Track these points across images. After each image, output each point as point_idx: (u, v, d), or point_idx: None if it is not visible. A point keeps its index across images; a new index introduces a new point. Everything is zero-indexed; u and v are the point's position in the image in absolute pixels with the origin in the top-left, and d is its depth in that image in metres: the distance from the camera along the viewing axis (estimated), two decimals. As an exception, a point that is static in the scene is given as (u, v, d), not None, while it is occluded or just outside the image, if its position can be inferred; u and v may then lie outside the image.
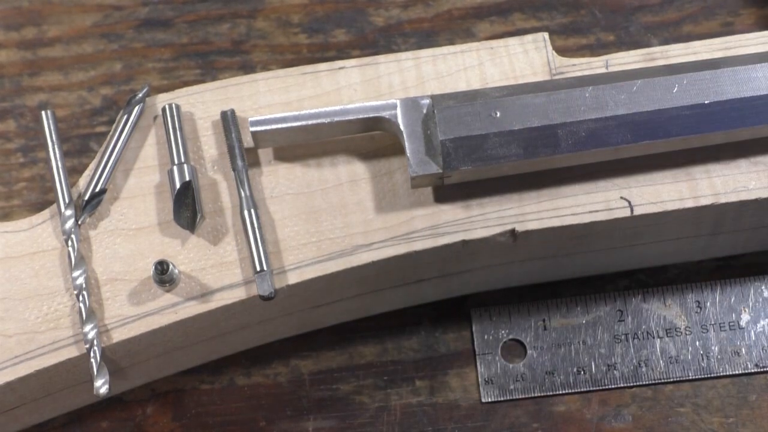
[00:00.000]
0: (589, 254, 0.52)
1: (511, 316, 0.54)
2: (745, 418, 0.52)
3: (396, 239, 0.48)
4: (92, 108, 0.59)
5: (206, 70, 0.60)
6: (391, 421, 0.53)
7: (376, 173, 0.50)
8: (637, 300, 0.54)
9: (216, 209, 0.49)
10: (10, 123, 0.59)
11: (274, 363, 0.54)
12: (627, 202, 0.49)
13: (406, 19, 0.61)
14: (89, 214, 0.49)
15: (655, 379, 0.53)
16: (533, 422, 0.53)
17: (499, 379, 0.53)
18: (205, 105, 0.51)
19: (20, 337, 0.47)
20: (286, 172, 0.50)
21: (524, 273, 0.53)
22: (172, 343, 0.49)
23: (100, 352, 0.46)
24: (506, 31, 0.61)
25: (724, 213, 0.50)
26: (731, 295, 0.54)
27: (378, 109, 0.48)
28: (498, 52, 0.52)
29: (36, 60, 0.61)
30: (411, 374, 0.54)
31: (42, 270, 0.48)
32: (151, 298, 0.48)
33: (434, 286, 0.53)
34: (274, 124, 0.48)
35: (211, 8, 0.62)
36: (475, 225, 0.48)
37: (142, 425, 0.53)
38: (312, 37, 0.61)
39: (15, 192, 0.57)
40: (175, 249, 0.48)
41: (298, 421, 0.53)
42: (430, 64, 0.52)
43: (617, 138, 0.47)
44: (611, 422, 0.52)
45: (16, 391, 0.48)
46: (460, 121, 0.47)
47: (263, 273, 0.47)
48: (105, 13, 0.62)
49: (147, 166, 0.50)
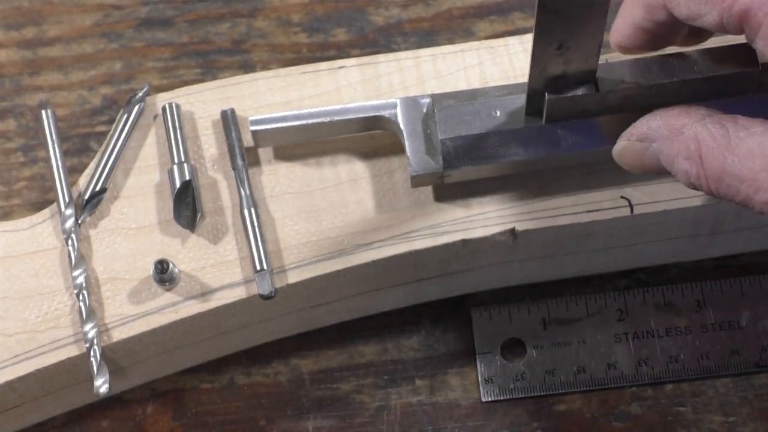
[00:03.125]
0: (589, 254, 0.52)
1: (511, 316, 0.54)
2: (745, 417, 0.52)
3: (396, 238, 0.48)
4: (92, 107, 0.59)
5: (206, 70, 0.60)
6: (391, 420, 0.53)
7: (376, 172, 0.50)
8: (637, 300, 0.54)
9: (216, 208, 0.49)
10: (10, 122, 0.59)
11: (274, 362, 0.54)
12: (627, 201, 0.49)
13: (406, 18, 0.61)
14: (89, 213, 0.49)
15: (655, 379, 0.53)
16: (533, 421, 0.53)
17: (499, 379, 0.53)
18: (205, 104, 0.51)
19: (20, 337, 0.47)
20: (286, 172, 0.50)
21: (524, 272, 0.53)
22: (172, 343, 0.49)
23: (100, 351, 0.46)
24: (506, 30, 0.61)
25: (723, 213, 0.50)
26: (731, 295, 0.54)
27: (378, 108, 0.48)
28: (498, 52, 0.52)
29: (36, 59, 0.61)
30: (411, 373, 0.54)
31: (42, 269, 0.48)
32: (151, 297, 0.48)
33: (434, 286, 0.53)
34: (274, 123, 0.48)
35: (211, 7, 0.62)
36: (475, 224, 0.48)
37: (142, 425, 0.53)
38: (312, 37, 0.61)
39: (15, 191, 0.57)
40: (175, 248, 0.48)
41: (298, 421, 0.53)
42: (430, 64, 0.52)
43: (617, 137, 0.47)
44: (611, 422, 0.52)
45: (16, 390, 0.48)
46: (460, 121, 0.47)
47: (263, 272, 0.47)
48: (105, 13, 0.62)
49: (147, 166, 0.50)
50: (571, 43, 0.42)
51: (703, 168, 0.41)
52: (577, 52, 0.43)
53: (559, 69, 0.44)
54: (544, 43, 0.42)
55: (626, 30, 0.45)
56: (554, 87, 0.45)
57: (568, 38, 0.42)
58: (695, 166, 0.41)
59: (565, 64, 0.44)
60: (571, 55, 0.43)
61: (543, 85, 0.45)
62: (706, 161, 0.40)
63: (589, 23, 0.41)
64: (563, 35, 0.42)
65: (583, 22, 0.41)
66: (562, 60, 0.43)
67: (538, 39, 0.42)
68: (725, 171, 0.40)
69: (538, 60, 0.43)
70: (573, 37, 0.42)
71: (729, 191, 0.40)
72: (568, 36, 0.42)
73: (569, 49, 0.43)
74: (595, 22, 0.41)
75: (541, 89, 0.45)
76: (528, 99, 0.46)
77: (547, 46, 0.42)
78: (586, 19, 0.41)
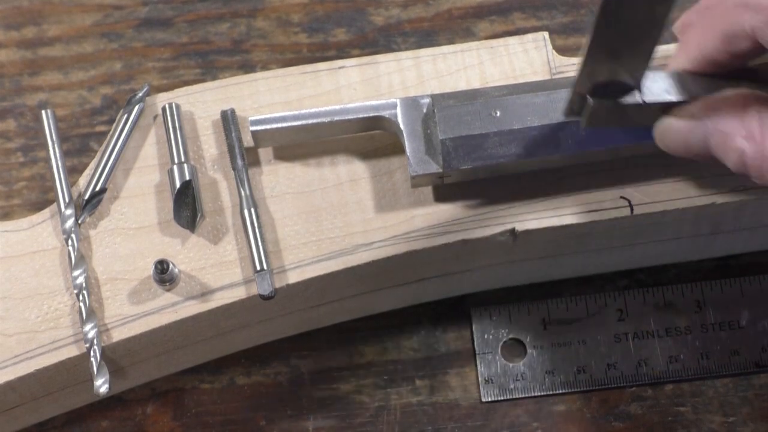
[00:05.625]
0: (589, 254, 0.52)
1: (511, 316, 0.54)
2: (746, 417, 0.52)
3: (396, 238, 0.48)
4: (92, 107, 0.59)
5: (206, 70, 0.60)
6: (391, 420, 0.53)
7: (376, 172, 0.50)
8: (637, 300, 0.54)
9: (216, 208, 0.49)
10: (10, 122, 0.59)
11: (274, 362, 0.54)
12: (627, 201, 0.49)
13: (405, 18, 0.61)
14: (89, 213, 0.49)
15: (655, 379, 0.53)
16: (533, 421, 0.53)
17: (499, 379, 0.53)
18: (205, 104, 0.51)
19: (20, 337, 0.47)
20: (286, 172, 0.50)
21: (524, 272, 0.53)
22: (172, 343, 0.49)
23: (100, 351, 0.46)
24: (506, 30, 0.61)
25: (723, 213, 0.50)
26: (731, 295, 0.54)
27: (378, 109, 0.48)
28: (498, 52, 0.52)
29: (36, 59, 0.61)
30: (411, 374, 0.54)
31: (42, 269, 0.48)
32: (151, 297, 0.48)
33: (434, 286, 0.53)
34: (274, 124, 0.48)
35: (211, 8, 0.62)
36: (475, 224, 0.48)
37: (142, 425, 0.53)
38: (312, 37, 0.61)
39: (15, 191, 0.57)
40: (175, 248, 0.48)
41: (298, 421, 0.53)
42: (429, 64, 0.52)
43: (617, 137, 0.47)
44: (611, 422, 0.52)
45: (16, 390, 0.48)
46: (460, 121, 0.47)
47: (263, 272, 0.47)
48: (105, 13, 0.62)
49: (147, 166, 0.50)
50: (624, 52, 0.42)
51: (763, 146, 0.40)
52: (628, 60, 0.42)
53: (606, 75, 0.43)
54: (598, 50, 0.41)
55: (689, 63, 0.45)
56: (599, 92, 0.44)
57: (622, 47, 0.41)
58: (754, 145, 0.40)
59: (614, 71, 0.43)
60: (622, 63, 0.43)
61: (588, 88, 0.44)
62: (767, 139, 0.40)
63: (646, 35, 0.41)
64: (618, 44, 0.41)
65: (641, 33, 0.41)
66: (612, 67, 0.43)
67: (593, 45, 0.41)
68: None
69: (588, 64, 0.43)
70: (627, 47, 0.41)
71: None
72: (622, 45, 0.41)
73: (620, 58, 0.42)
74: (652, 33, 0.41)
75: (585, 93, 0.44)
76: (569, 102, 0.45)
77: (600, 52, 0.42)
78: (644, 30, 0.40)
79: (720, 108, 0.42)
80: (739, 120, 0.41)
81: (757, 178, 0.41)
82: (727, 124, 0.42)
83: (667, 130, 0.44)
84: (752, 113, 0.41)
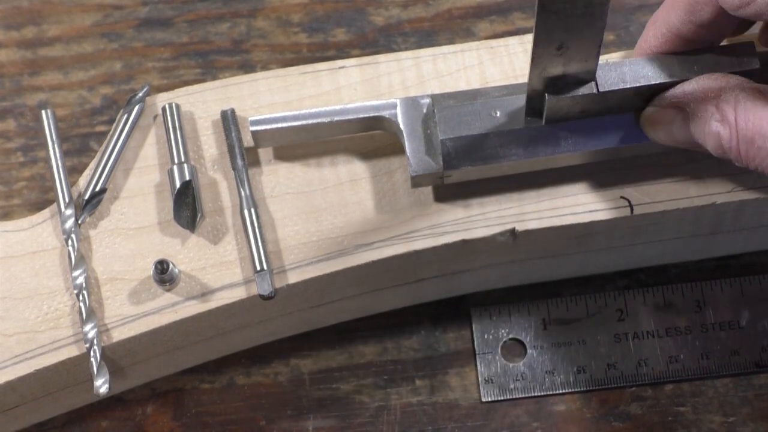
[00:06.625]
0: (589, 254, 0.52)
1: (511, 316, 0.54)
2: (746, 417, 0.52)
3: (396, 239, 0.48)
4: (92, 107, 0.59)
5: (206, 70, 0.60)
6: (391, 420, 0.53)
7: (376, 173, 0.50)
8: (637, 300, 0.54)
9: (216, 208, 0.49)
10: (10, 122, 0.59)
11: (274, 363, 0.54)
12: (627, 201, 0.49)
13: (406, 18, 0.61)
14: (89, 213, 0.49)
15: (655, 379, 0.53)
16: (533, 421, 0.53)
17: (499, 379, 0.53)
18: (206, 104, 0.51)
19: (20, 337, 0.47)
20: (287, 172, 0.50)
21: (524, 272, 0.53)
22: (172, 343, 0.49)
23: (100, 351, 0.46)
24: (506, 30, 0.61)
25: (723, 213, 0.50)
26: (731, 295, 0.54)
27: (378, 109, 0.48)
28: (498, 52, 0.52)
29: (36, 59, 0.61)
30: (411, 374, 0.54)
31: (42, 269, 0.48)
32: (151, 297, 0.48)
33: (434, 286, 0.53)
34: (274, 124, 0.48)
35: (211, 8, 0.62)
36: (475, 224, 0.48)
37: (142, 425, 0.53)
38: (312, 37, 0.61)
39: (15, 191, 0.57)
40: (175, 248, 0.48)
41: (298, 421, 0.53)
42: (430, 64, 0.52)
43: (617, 138, 0.47)
44: (611, 422, 0.52)
45: (17, 391, 0.48)
46: (460, 121, 0.47)
47: (263, 272, 0.47)
48: (105, 13, 0.62)
49: (147, 166, 0.50)
50: (571, 44, 0.42)
51: (736, 129, 0.41)
52: (577, 52, 0.43)
53: (559, 69, 0.44)
54: (544, 44, 0.42)
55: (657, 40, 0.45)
56: (554, 87, 0.45)
57: (568, 39, 0.42)
58: (728, 128, 0.41)
59: (565, 65, 0.44)
60: (571, 56, 0.43)
61: (543, 85, 0.45)
62: (740, 122, 0.41)
63: (589, 24, 0.41)
64: (563, 36, 0.42)
65: (584, 22, 0.41)
66: (562, 60, 0.43)
67: (538, 39, 0.42)
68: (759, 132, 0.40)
69: (538, 61, 0.43)
70: (573, 38, 0.42)
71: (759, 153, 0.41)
72: (568, 36, 0.42)
73: (569, 50, 0.43)
74: (595, 22, 0.41)
75: (541, 90, 0.45)
76: (528, 100, 0.46)
77: (547, 46, 0.42)
78: (587, 19, 0.41)
79: (695, 93, 0.43)
80: (713, 104, 0.42)
81: (737, 161, 0.42)
82: (704, 109, 0.42)
83: (652, 119, 0.45)
84: (726, 97, 0.42)
